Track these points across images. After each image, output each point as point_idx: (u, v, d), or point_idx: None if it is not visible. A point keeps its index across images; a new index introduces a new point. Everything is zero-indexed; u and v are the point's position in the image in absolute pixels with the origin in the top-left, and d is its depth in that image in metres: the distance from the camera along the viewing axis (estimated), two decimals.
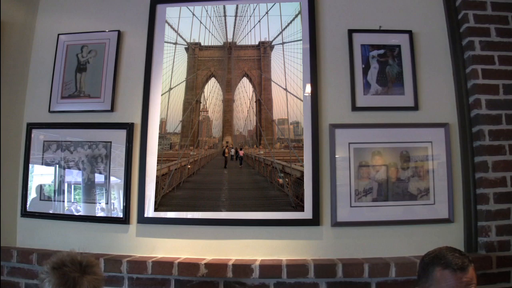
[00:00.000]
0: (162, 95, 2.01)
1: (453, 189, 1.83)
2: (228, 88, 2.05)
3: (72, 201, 1.97)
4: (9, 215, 1.99)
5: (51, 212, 1.98)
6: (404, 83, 1.93)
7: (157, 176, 1.92)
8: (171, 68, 2.04)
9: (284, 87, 1.98)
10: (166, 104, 2.01)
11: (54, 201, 1.98)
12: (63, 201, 1.97)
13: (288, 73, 1.98)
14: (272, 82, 2.00)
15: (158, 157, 1.95)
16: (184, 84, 2.04)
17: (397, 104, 1.92)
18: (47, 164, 2.02)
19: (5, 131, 2.01)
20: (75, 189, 1.99)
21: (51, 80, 2.08)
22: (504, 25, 1.88)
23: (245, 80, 2.05)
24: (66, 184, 1.99)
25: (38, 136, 2.04)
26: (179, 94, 2.03)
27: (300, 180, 1.87)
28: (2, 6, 2.00)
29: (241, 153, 1.98)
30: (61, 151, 2.01)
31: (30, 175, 2.01)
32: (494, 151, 1.79)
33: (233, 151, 1.99)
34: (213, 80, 2.07)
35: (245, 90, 2.04)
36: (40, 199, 2.00)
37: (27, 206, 2.00)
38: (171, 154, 1.97)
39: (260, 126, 1.99)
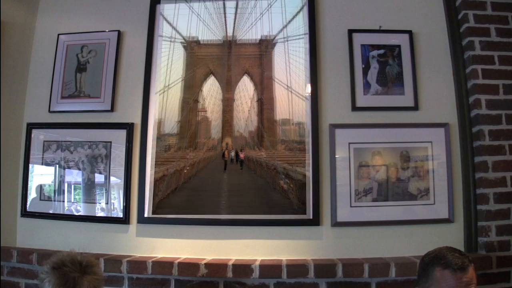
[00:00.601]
0: (160, 94, 1.99)
1: (453, 189, 1.83)
2: (228, 87, 2.00)
3: (72, 201, 1.97)
4: (9, 215, 1.99)
5: (51, 212, 1.98)
6: (404, 83, 1.93)
7: (155, 179, 1.91)
8: (170, 66, 2.01)
9: (287, 86, 1.94)
10: (164, 103, 1.99)
11: (54, 201, 1.98)
12: (63, 201, 1.97)
13: (291, 71, 1.94)
14: (274, 81, 1.96)
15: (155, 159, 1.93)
16: (182, 82, 2.01)
17: (397, 104, 1.92)
18: (47, 164, 2.01)
19: (5, 131, 2.01)
20: (75, 189, 1.98)
21: (51, 80, 2.08)
22: (504, 25, 1.88)
23: (245, 78, 2.00)
24: (66, 184, 1.98)
25: (38, 136, 2.04)
26: (178, 93, 2.01)
27: (304, 185, 1.83)
28: (2, 6, 1.99)
29: (241, 155, 1.92)
30: (61, 151, 2.01)
31: (30, 175, 2.01)
32: (494, 151, 1.79)
33: (233, 153, 1.94)
34: (212, 78, 2.02)
35: (245, 89, 1.99)
36: (40, 199, 2.00)
37: (27, 206, 2.00)
38: (167, 157, 1.94)
39: (262, 127, 1.95)
